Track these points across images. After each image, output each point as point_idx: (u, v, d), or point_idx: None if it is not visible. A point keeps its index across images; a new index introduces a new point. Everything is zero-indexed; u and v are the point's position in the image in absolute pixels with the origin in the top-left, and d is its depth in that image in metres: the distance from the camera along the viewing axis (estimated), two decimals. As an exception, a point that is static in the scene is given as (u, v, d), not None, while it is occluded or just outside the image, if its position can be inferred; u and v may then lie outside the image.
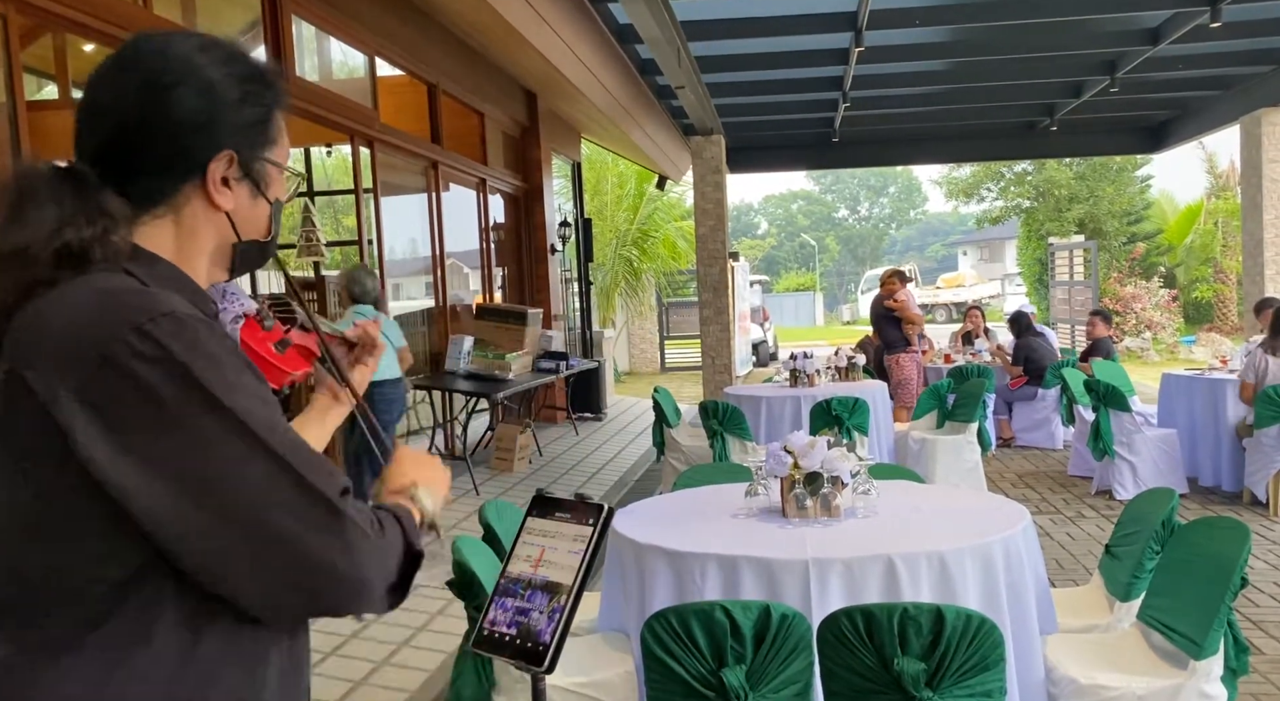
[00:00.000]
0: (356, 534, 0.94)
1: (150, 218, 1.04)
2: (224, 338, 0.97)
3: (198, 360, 0.91)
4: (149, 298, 0.95)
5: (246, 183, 1.08)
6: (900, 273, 8.41)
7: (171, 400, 0.90)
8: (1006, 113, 11.65)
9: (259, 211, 1.11)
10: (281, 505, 0.91)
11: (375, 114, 6.59)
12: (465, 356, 7.38)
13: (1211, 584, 2.33)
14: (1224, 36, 7.93)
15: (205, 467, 0.90)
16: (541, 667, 1.28)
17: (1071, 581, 4.54)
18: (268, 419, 0.94)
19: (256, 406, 0.94)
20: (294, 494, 0.92)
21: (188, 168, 1.04)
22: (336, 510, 0.93)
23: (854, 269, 54.75)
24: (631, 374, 18.75)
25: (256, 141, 1.08)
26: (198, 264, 1.08)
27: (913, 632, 1.93)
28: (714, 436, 5.55)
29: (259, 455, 0.92)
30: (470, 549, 2.53)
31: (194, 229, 1.07)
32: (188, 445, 0.90)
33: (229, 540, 0.91)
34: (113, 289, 0.96)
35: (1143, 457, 6.20)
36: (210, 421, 0.90)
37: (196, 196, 1.06)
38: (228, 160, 1.05)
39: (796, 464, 2.74)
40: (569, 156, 11.37)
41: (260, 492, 0.91)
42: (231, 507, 0.91)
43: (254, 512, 0.91)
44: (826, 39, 7.97)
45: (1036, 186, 22.50)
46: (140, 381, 0.89)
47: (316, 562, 0.92)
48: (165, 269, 1.04)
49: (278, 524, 0.91)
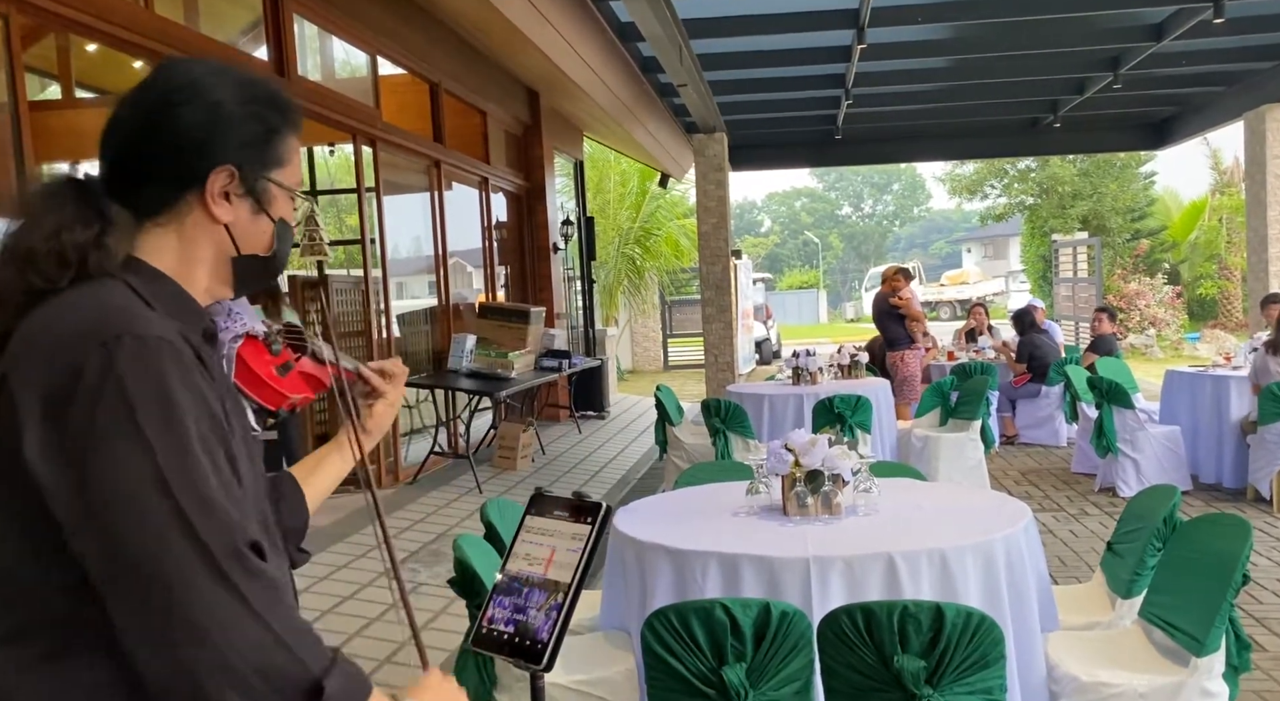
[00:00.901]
0: (233, 600, 0.91)
1: (154, 226, 1.10)
2: (188, 364, 0.98)
3: (140, 386, 0.93)
4: (124, 316, 0.98)
5: (248, 199, 1.13)
6: (904, 270, 8.40)
7: (103, 421, 0.92)
8: (1009, 109, 11.63)
9: (260, 228, 1.15)
10: (162, 548, 0.91)
11: (377, 113, 6.59)
12: (468, 355, 7.38)
13: (1213, 580, 2.32)
14: (1227, 32, 7.91)
15: (105, 495, 0.92)
16: (540, 665, 1.28)
17: (1074, 579, 4.54)
18: (188, 461, 0.93)
19: (183, 446, 0.94)
20: (178, 541, 0.91)
21: (189, 179, 1.09)
22: (219, 571, 0.91)
23: (858, 266, 54.71)
24: (634, 372, 18.75)
25: (260, 160, 1.13)
26: (197, 274, 1.12)
27: (912, 630, 1.93)
28: (716, 434, 5.55)
29: (157, 493, 0.92)
30: (472, 547, 2.54)
31: (194, 239, 1.11)
32: (100, 468, 0.92)
33: (104, 563, 0.92)
34: (102, 303, 1.00)
35: (1146, 455, 6.19)
36: (126, 448, 0.92)
37: (198, 208, 1.10)
38: (228, 175, 1.10)
39: (797, 462, 2.74)
40: (571, 155, 11.36)
41: (147, 531, 0.91)
42: (118, 539, 0.91)
43: (136, 548, 0.91)
44: (829, 36, 7.96)
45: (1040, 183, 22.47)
46: (87, 398, 0.93)
47: (172, 617, 0.89)
48: (168, 286, 1.09)
49: (150, 556, 0.90)
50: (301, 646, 0.94)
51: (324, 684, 0.93)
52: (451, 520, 5.77)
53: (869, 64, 8.47)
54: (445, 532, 5.45)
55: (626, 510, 2.96)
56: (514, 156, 9.60)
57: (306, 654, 0.94)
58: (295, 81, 5.50)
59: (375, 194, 6.70)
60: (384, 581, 4.59)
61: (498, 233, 9.30)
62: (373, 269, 6.57)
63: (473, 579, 2.44)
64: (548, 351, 8.30)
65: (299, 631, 0.95)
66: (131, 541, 0.91)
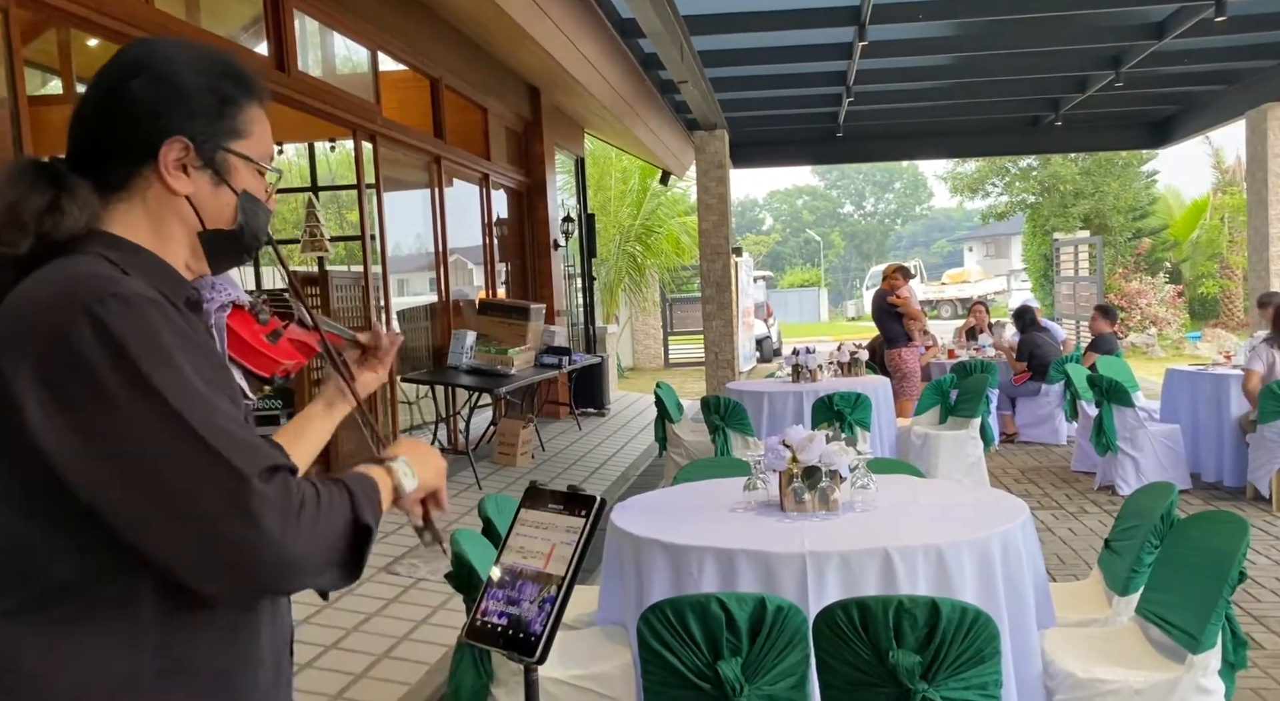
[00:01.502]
0: (273, 512, 0.94)
1: (120, 203, 1.10)
2: (174, 319, 0.99)
3: (134, 338, 0.95)
4: (105, 281, 0.99)
5: (207, 171, 1.12)
6: (903, 268, 8.40)
7: (106, 377, 0.93)
8: (1011, 108, 11.62)
9: (222, 200, 1.14)
10: (197, 485, 0.93)
11: (378, 109, 6.59)
12: (468, 351, 7.38)
13: (1209, 578, 2.32)
14: (1229, 31, 7.90)
15: (128, 444, 0.93)
16: (533, 658, 1.28)
17: (1073, 576, 4.54)
18: (197, 399, 0.96)
19: (189, 386, 0.96)
20: (210, 473, 0.93)
21: (144, 152, 1.09)
22: (251, 489, 0.94)
23: (859, 265, 54.67)
24: (635, 369, 18.75)
25: (215, 131, 1.12)
26: (173, 250, 1.12)
27: (908, 625, 1.93)
28: (716, 431, 5.55)
29: (178, 434, 0.94)
30: (470, 542, 2.54)
31: (159, 214, 1.11)
32: (115, 421, 0.93)
33: (149, 515, 0.94)
34: (79, 274, 1.00)
35: (1146, 453, 6.18)
36: (136, 398, 0.93)
37: (156, 181, 1.10)
38: (182, 146, 1.10)
39: (795, 458, 2.74)
40: (572, 151, 11.36)
41: (177, 471, 0.93)
42: (149, 485, 0.93)
43: (170, 491, 0.93)
44: (830, 33, 7.95)
45: (1042, 182, 22.43)
46: (84, 359, 0.94)
47: (234, 542, 0.93)
48: (147, 258, 1.09)
49: (192, 503, 0.93)
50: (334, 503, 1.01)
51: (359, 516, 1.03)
52: (450, 516, 5.76)
53: (870, 61, 8.47)
54: (444, 528, 5.44)
55: (624, 506, 2.96)
56: (515, 153, 9.60)
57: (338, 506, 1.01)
58: (296, 77, 5.50)
59: (376, 190, 6.70)
60: (383, 576, 4.60)
61: (498, 229, 9.30)
62: (373, 265, 6.57)
63: (471, 573, 2.44)
64: (548, 348, 8.30)
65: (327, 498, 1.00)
66: (167, 482, 0.93)
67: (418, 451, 1.20)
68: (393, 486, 1.14)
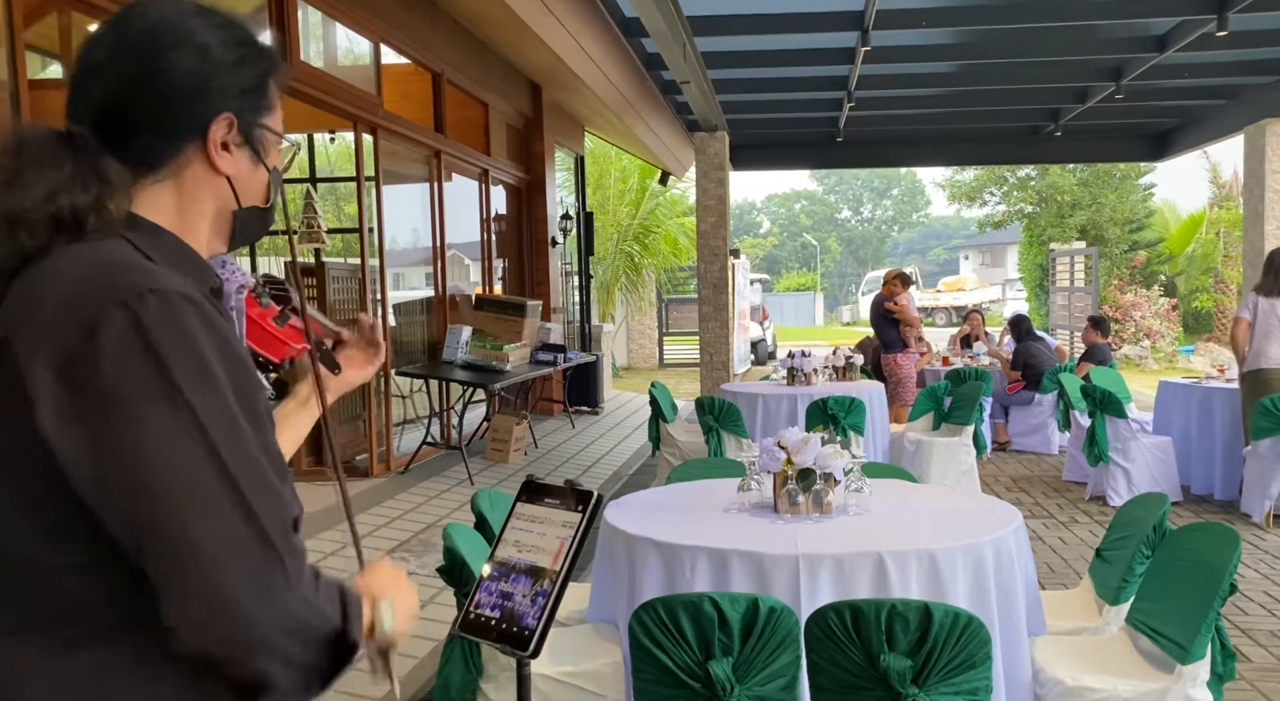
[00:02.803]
0: (280, 579, 0.87)
1: (151, 181, 1.02)
2: (215, 323, 0.92)
3: (173, 345, 0.87)
4: (142, 273, 0.92)
5: (247, 148, 1.07)
6: (903, 274, 8.42)
7: (136, 382, 0.86)
8: (1011, 117, 11.64)
9: (259, 178, 1.10)
10: (211, 521, 0.86)
11: (379, 101, 6.58)
12: (463, 346, 7.37)
13: (1200, 589, 2.33)
14: (1230, 45, 7.92)
15: (146, 460, 0.85)
16: (526, 652, 1.28)
17: (1062, 585, 4.55)
18: (231, 423, 0.89)
19: (224, 406, 0.89)
20: (229, 513, 0.86)
21: (188, 129, 1.02)
22: (269, 544, 0.87)
23: (855, 270, 54.76)
24: (629, 369, 18.75)
25: (255, 106, 1.07)
26: (199, 230, 1.06)
27: (900, 629, 1.93)
28: (710, 432, 5.55)
29: (206, 461, 0.86)
30: (461, 536, 2.53)
31: (195, 194, 1.05)
32: (137, 432, 0.86)
33: (150, 537, 0.86)
34: (110, 261, 0.93)
35: (1137, 464, 6.20)
36: (166, 414, 0.86)
37: (198, 160, 1.04)
38: (228, 124, 1.04)
39: (790, 460, 2.74)
40: (572, 149, 11.35)
41: (193, 502, 0.86)
42: (161, 507, 0.85)
43: (180, 519, 0.85)
44: (833, 38, 7.95)
45: (1039, 192, 22.47)
46: (113, 358, 0.86)
47: (225, 595, 0.85)
48: (169, 241, 1.02)
49: (200, 538, 0.85)
50: (325, 601, 0.94)
51: (348, 631, 0.96)
52: (442, 510, 5.76)
53: (872, 67, 8.47)
54: (435, 522, 5.45)
55: (617, 503, 2.95)
56: (515, 149, 9.59)
57: (329, 607, 0.94)
58: (298, 67, 5.49)
59: (375, 183, 6.69)
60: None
61: (496, 225, 9.29)
62: (370, 258, 6.56)
63: (462, 567, 2.44)
64: (543, 345, 8.29)
65: (325, 590, 0.95)
66: (179, 511, 0.85)
67: (399, 589, 1.10)
68: (369, 625, 1.04)
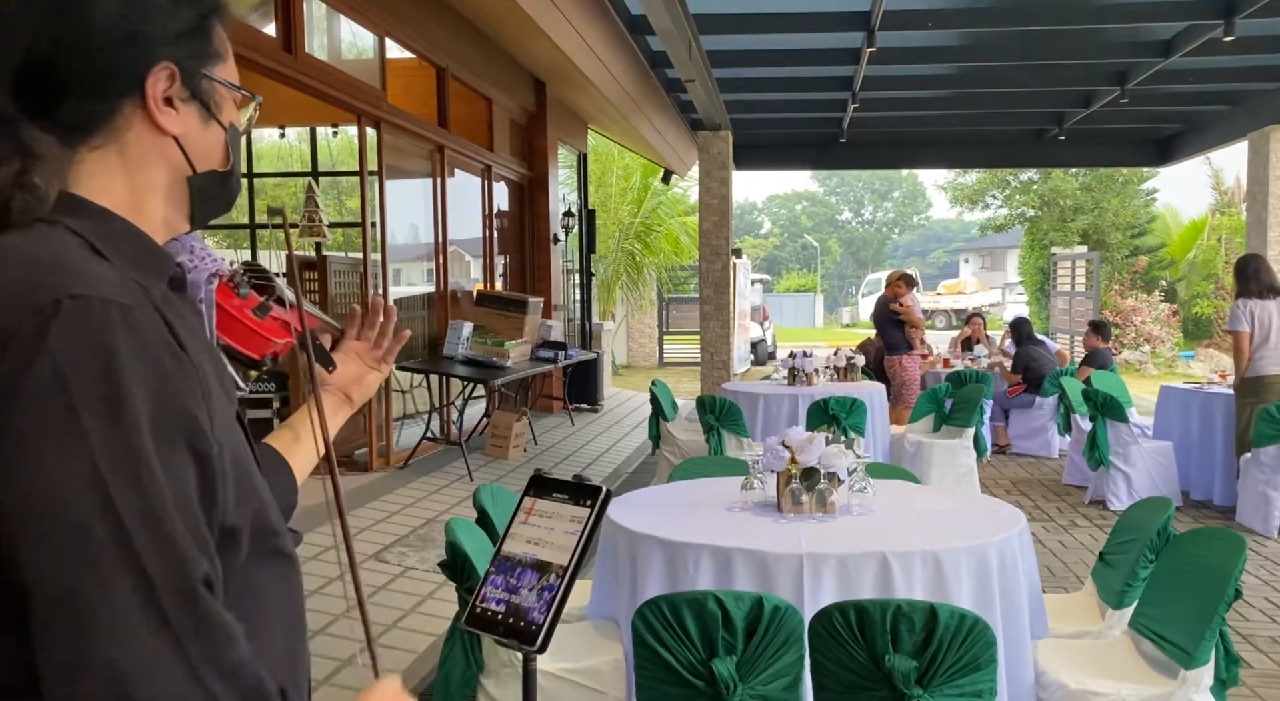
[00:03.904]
0: (167, 650, 0.72)
1: (89, 150, 0.89)
2: (147, 335, 0.78)
3: (81, 366, 0.74)
4: (67, 275, 0.78)
5: (194, 103, 0.93)
6: (907, 276, 8.41)
7: (29, 407, 0.73)
8: (1015, 120, 11.63)
9: (212, 137, 0.95)
10: (91, 573, 0.72)
11: (383, 95, 6.56)
12: (464, 342, 7.36)
13: (1205, 594, 2.32)
14: (1235, 51, 7.91)
15: (29, 497, 0.73)
16: (533, 647, 1.27)
17: (1062, 589, 4.54)
18: (135, 464, 0.74)
19: (130, 444, 0.74)
20: (111, 567, 0.72)
21: (122, 84, 0.88)
22: (158, 611, 0.73)
23: (855, 272, 54.78)
24: (629, 367, 18.74)
25: (197, 53, 0.93)
26: (152, 204, 0.93)
27: (905, 630, 1.92)
28: (710, 431, 5.54)
29: (96, 509, 0.73)
30: (463, 531, 2.52)
31: (141, 160, 0.91)
32: (29, 466, 0.73)
33: (31, 592, 0.73)
34: (34, 258, 0.80)
35: (1138, 469, 6.19)
36: (58, 448, 0.73)
37: (138, 120, 0.90)
38: (168, 75, 0.90)
39: (794, 459, 2.73)
40: (575, 146, 11.34)
41: (72, 550, 0.72)
42: (41, 557, 0.72)
43: (60, 575, 0.72)
44: (839, 38, 7.94)
45: (1042, 195, 22.48)
46: (10, 379, 0.74)
47: (90, 655, 0.71)
48: (120, 227, 0.88)
49: (77, 590, 0.72)
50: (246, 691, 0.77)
51: None
52: (441, 506, 5.75)
53: (877, 68, 8.46)
54: (434, 518, 5.44)
55: (619, 501, 2.95)
56: (518, 145, 9.58)
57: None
58: (303, 59, 5.47)
59: (378, 177, 6.67)
60: (372, 564, 4.57)
61: (498, 221, 9.27)
62: (372, 253, 6.55)
63: (464, 562, 2.43)
64: (544, 342, 8.28)
65: (250, 688, 0.77)
66: (59, 564, 0.72)
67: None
68: None
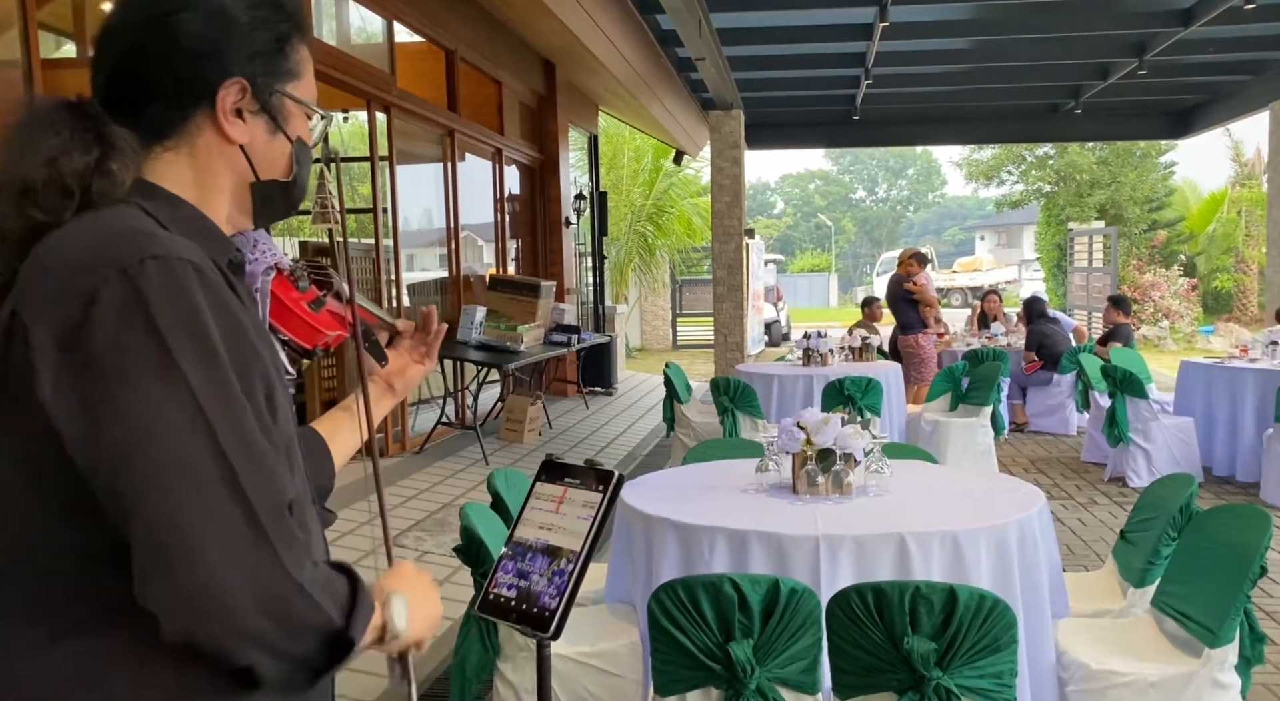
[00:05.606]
0: (267, 564, 0.84)
1: (163, 150, 1.00)
2: (219, 291, 0.89)
3: (172, 313, 0.85)
4: (146, 239, 0.89)
5: (263, 116, 1.03)
6: (920, 254, 8.34)
7: (131, 351, 0.83)
8: (1031, 94, 11.49)
9: (278, 149, 1.06)
10: (199, 498, 0.82)
11: (392, 79, 6.53)
12: (477, 326, 7.35)
13: (1230, 571, 2.28)
14: (1256, 19, 7.77)
15: (135, 431, 0.83)
16: (547, 633, 1.25)
17: (1082, 567, 4.51)
18: (228, 396, 0.85)
19: (222, 379, 0.85)
20: (217, 492, 0.83)
21: (196, 95, 0.99)
22: (259, 528, 0.83)
23: (870, 251, 54.44)
24: (643, 350, 18.72)
25: (272, 71, 1.03)
26: (218, 204, 1.03)
27: (924, 611, 1.90)
28: (725, 413, 5.51)
29: (196, 435, 0.83)
30: (478, 515, 2.51)
31: (209, 164, 1.02)
32: (128, 402, 0.83)
33: (134, 512, 0.82)
34: (116, 229, 0.90)
35: (1158, 445, 6.13)
36: (160, 384, 0.83)
37: (209, 128, 1.01)
38: (239, 89, 1.01)
39: (809, 440, 2.71)
40: (586, 129, 11.28)
41: (179, 477, 0.82)
42: (146, 481, 0.82)
43: (165, 495, 0.82)
44: (851, 13, 7.85)
45: (1058, 170, 22.25)
46: (109, 327, 0.83)
47: (206, 578, 0.81)
48: (188, 211, 0.99)
49: (185, 516, 0.82)
50: (326, 595, 0.88)
51: (349, 628, 0.89)
52: (457, 490, 5.76)
53: (890, 43, 8.36)
54: (450, 503, 5.45)
55: (633, 484, 2.93)
56: (528, 128, 9.53)
57: (330, 601, 0.88)
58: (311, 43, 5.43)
59: (389, 162, 6.65)
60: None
61: (510, 205, 9.25)
62: (384, 238, 6.54)
63: (479, 547, 2.42)
64: (557, 326, 8.26)
65: (325, 580, 0.90)
66: (163, 486, 0.82)
67: (418, 591, 1.04)
68: (381, 624, 0.97)
